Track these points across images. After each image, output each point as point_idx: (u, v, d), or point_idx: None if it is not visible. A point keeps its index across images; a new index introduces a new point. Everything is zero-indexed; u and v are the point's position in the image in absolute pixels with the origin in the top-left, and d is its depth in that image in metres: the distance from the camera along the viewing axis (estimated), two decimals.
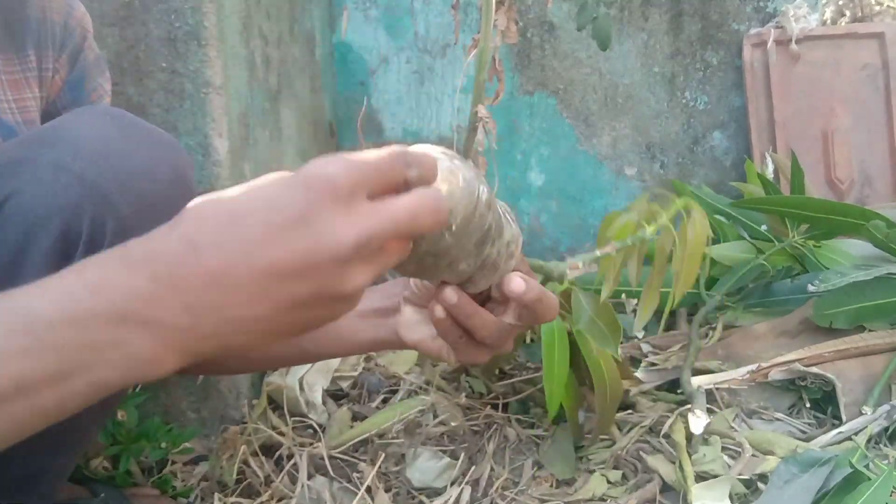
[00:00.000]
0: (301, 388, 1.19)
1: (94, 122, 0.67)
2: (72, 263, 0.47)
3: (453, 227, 0.55)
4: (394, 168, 0.49)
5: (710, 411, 1.10)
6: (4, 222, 0.66)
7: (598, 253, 0.78)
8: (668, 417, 1.11)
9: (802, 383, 1.15)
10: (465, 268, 0.60)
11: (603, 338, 0.98)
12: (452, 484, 1.05)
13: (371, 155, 0.49)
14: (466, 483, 1.05)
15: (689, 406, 1.09)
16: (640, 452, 1.06)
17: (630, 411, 1.16)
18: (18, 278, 0.59)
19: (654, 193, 0.95)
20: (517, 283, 0.64)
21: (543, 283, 0.88)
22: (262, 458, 1.10)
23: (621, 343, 1.36)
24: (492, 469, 1.07)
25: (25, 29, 0.78)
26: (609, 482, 1.03)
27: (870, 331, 1.19)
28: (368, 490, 1.03)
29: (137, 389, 1.10)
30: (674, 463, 1.02)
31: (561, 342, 1.05)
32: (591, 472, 1.05)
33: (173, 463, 1.12)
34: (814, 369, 1.13)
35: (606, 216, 0.83)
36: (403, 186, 0.50)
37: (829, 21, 1.87)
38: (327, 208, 0.45)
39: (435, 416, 1.14)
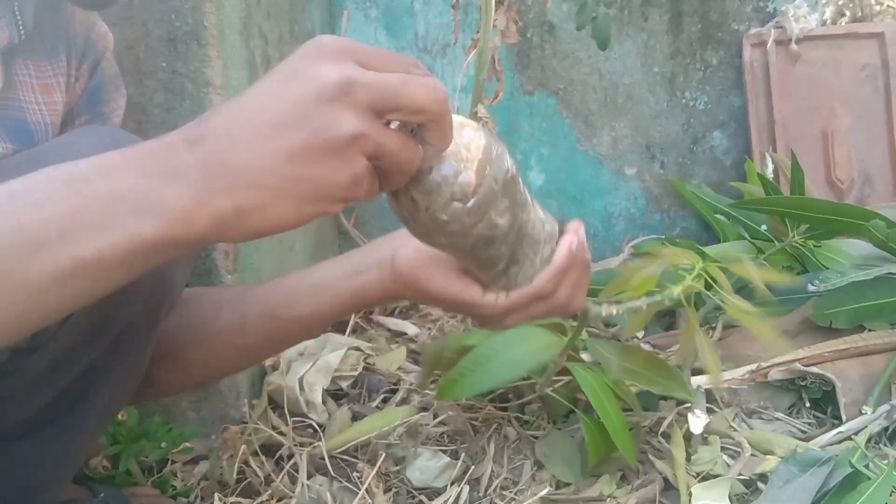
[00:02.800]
0: (301, 388, 1.19)
1: (97, 141, 0.68)
2: None
3: (494, 182, 0.60)
4: (392, 57, 0.52)
5: (709, 411, 1.10)
6: None
7: (632, 304, 0.89)
8: (668, 417, 1.11)
9: (802, 383, 1.15)
10: (500, 245, 0.64)
11: (647, 379, 0.97)
12: (452, 484, 1.05)
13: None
14: (466, 483, 1.05)
15: (688, 405, 1.09)
16: (640, 452, 1.06)
17: (630, 412, 1.15)
18: None
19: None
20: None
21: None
22: (262, 458, 1.10)
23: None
24: (491, 469, 1.07)
25: (57, 35, 0.79)
26: (609, 482, 1.03)
27: (870, 331, 1.19)
28: (368, 490, 1.03)
29: None
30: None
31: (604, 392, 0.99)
32: (596, 475, 1.05)
33: (173, 463, 1.12)
34: (814, 369, 1.13)
35: (624, 268, 0.93)
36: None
37: (829, 21, 1.87)
38: (313, 59, 0.49)
39: (435, 416, 1.14)
